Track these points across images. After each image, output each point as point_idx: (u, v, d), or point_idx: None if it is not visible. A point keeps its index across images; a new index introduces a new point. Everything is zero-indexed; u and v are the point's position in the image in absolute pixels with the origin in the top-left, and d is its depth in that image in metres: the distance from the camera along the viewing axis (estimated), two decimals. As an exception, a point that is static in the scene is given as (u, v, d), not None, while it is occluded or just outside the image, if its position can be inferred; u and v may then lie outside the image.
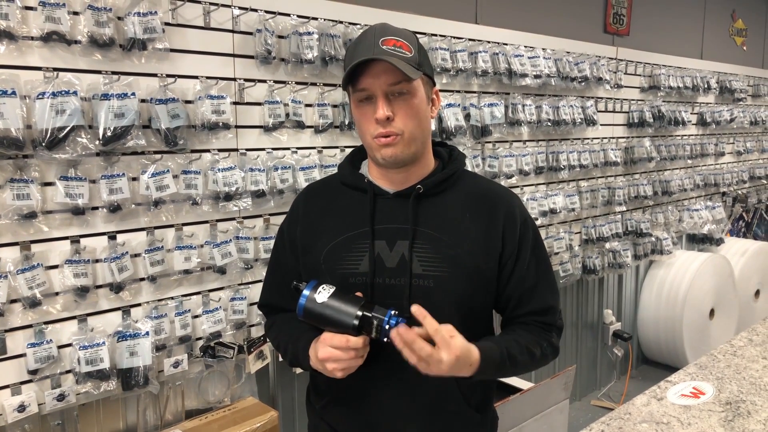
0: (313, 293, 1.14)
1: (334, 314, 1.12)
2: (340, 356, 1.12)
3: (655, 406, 1.46)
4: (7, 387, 1.66)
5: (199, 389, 2.07)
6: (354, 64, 1.13)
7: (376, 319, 1.10)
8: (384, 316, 1.10)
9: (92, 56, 1.73)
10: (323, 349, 1.13)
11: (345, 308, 1.12)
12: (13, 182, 1.60)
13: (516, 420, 2.42)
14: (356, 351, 1.11)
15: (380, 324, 1.10)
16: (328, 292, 1.14)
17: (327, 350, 1.13)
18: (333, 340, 1.12)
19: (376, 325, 1.10)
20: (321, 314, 1.13)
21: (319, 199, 1.34)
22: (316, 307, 1.13)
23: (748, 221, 5.29)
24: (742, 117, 4.80)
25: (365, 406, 1.26)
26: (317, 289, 1.14)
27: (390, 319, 1.10)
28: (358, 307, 1.12)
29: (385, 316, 1.10)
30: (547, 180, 3.27)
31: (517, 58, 2.92)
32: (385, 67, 1.13)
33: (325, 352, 1.13)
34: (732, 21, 4.92)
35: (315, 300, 1.13)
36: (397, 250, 1.21)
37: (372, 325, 1.11)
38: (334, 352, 1.12)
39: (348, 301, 1.13)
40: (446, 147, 1.35)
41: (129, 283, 1.84)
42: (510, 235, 1.25)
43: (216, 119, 1.94)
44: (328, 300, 1.13)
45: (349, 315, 1.11)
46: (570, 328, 3.73)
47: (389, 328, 1.10)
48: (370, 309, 1.12)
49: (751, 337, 1.92)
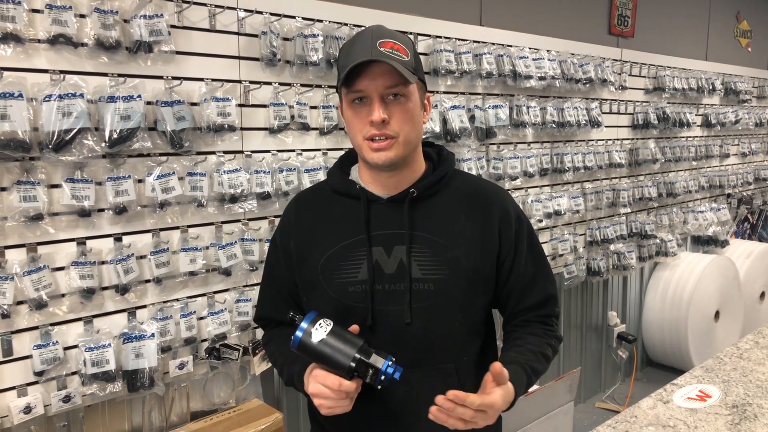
0: (310, 327, 1.09)
1: (330, 353, 1.08)
2: (330, 395, 1.09)
3: (662, 409, 1.46)
4: (14, 388, 1.67)
5: (204, 391, 2.08)
6: (352, 66, 1.12)
7: (372, 368, 1.08)
8: (381, 366, 1.07)
9: (98, 59, 1.74)
10: (314, 384, 1.11)
11: (342, 349, 1.08)
12: (19, 184, 1.61)
13: (521, 422, 2.41)
14: (347, 394, 1.09)
15: (376, 373, 1.08)
16: (325, 330, 1.09)
17: (318, 387, 1.10)
18: (326, 380, 1.09)
19: (371, 374, 1.08)
20: (316, 351, 1.08)
21: (311, 208, 1.32)
22: (312, 343, 1.08)
23: (753, 223, 5.27)
24: (747, 118, 4.79)
25: (368, 413, 1.24)
26: (315, 323, 1.09)
27: (387, 368, 1.07)
28: (356, 350, 1.08)
29: (382, 366, 1.07)
30: (552, 182, 3.27)
31: (522, 60, 2.92)
32: (383, 70, 1.13)
33: (315, 388, 1.11)
34: (737, 22, 4.90)
35: (311, 336, 1.08)
36: (395, 255, 1.21)
37: (368, 373, 1.08)
38: (324, 390, 1.09)
39: (346, 342, 1.09)
40: (434, 147, 1.35)
41: (135, 285, 1.84)
42: (506, 233, 1.26)
43: (221, 121, 1.94)
44: (327, 337, 1.08)
45: (346, 357, 1.07)
46: (574, 330, 3.72)
47: (384, 378, 1.07)
48: (368, 354, 1.08)
49: (757, 339, 1.91)
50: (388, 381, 1.08)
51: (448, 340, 1.23)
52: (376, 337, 1.19)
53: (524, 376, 1.18)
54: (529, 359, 1.21)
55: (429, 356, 1.22)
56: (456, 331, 1.23)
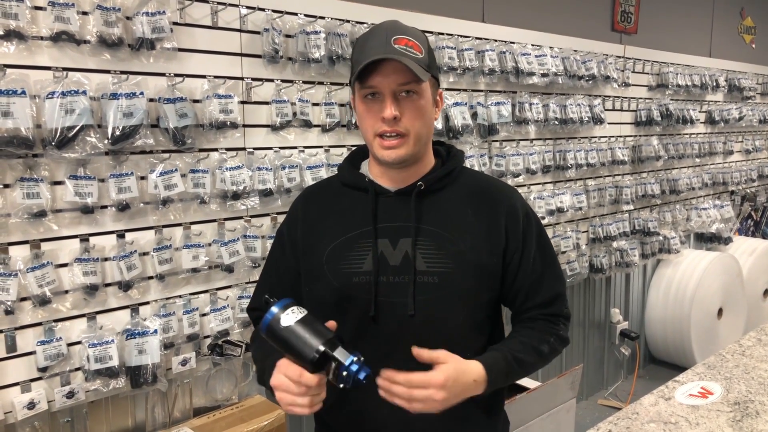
0: (280, 312, 1.03)
1: (295, 342, 1.01)
2: (290, 388, 1.04)
3: (663, 406, 1.46)
4: (17, 384, 1.67)
5: (207, 387, 2.09)
6: (366, 63, 1.12)
7: (335, 360, 1.00)
8: (345, 360, 1.00)
9: (101, 56, 1.74)
10: (276, 375, 1.07)
11: (308, 339, 1.00)
12: (23, 181, 1.62)
13: (523, 419, 2.42)
14: (307, 388, 1.02)
15: (338, 367, 1.00)
16: (296, 316, 1.02)
17: (279, 378, 1.06)
18: (288, 369, 1.04)
19: (334, 368, 1.00)
20: (282, 338, 1.02)
21: (319, 200, 1.33)
22: (279, 328, 1.02)
23: (756, 220, 5.26)
24: (751, 115, 4.77)
25: (370, 411, 1.23)
26: (287, 309, 1.03)
27: (351, 365, 1.00)
28: (322, 341, 1.00)
29: (346, 361, 1.00)
30: (555, 179, 3.27)
31: (524, 57, 2.91)
32: (396, 67, 1.13)
33: (277, 379, 1.06)
34: (741, 19, 4.88)
35: (280, 321, 1.02)
36: (401, 247, 1.21)
37: (330, 367, 1.00)
38: (285, 381, 1.04)
39: (314, 332, 1.02)
40: (444, 145, 1.35)
41: (137, 282, 1.85)
42: (513, 230, 1.25)
43: (224, 118, 1.94)
44: (294, 325, 1.01)
45: (310, 348, 1.00)
46: (577, 327, 3.72)
47: (347, 375, 0.99)
48: (333, 347, 1.01)
49: (759, 336, 1.91)
50: (352, 380, 1.00)
51: (452, 334, 1.22)
52: (379, 328, 1.19)
53: (501, 361, 1.16)
54: (513, 348, 1.20)
55: (432, 349, 1.22)
56: (460, 325, 1.23)
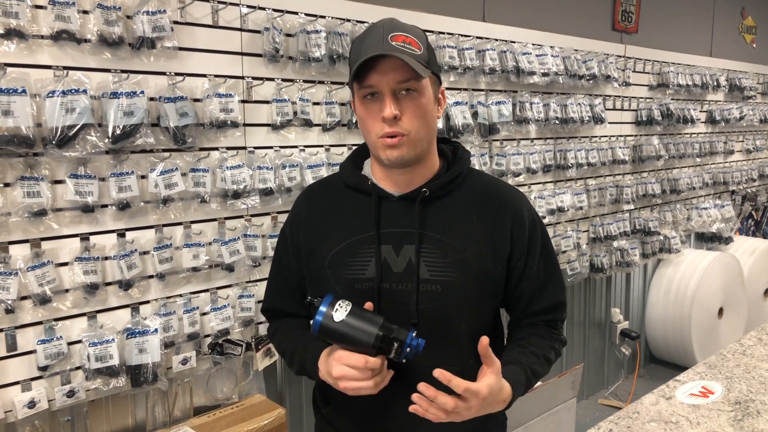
0: (330, 310, 1.08)
1: (352, 333, 1.08)
2: (356, 376, 1.07)
3: (664, 406, 1.46)
4: (18, 383, 1.67)
5: (207, 386, 2.08)
6: (362, 61, 1.09)
7: (397, 341, 1.08)
8: (405, 338, 1.08)
9: (102, 55, 1.74)
10: (338, 367, 1.09)
11: (364, 327, 1.07)
12: (23, 180, 1.61)
13: (523, 418, 2.42)
14: (373, 371, 1.07)
15: (401, 346, 1.08)
16: (345, 310, 1.08)
17: (342, 369, 1.08)
18: (350, 359, 1.08)
19: (396, 347, 1.08)
20: (339, 332, 1.08)
21: (321, 201, 1.31)
22: (333, 325, 1.08)
23: (757, 220, 5.26)
24: (752, 115, 4.77)
25: (372, 411, 1.24)
26: (334, 305, 1.09)
27: (411, 341, 1.08)
28: (377, 327, 1.08)
29: (407, 339, 1.08)
30: (555, 178, 3.26)
31: (525, 56, 2.91)
32: (394, 64, 1.10)
33: (340, 370, 1.09)
34: (741, 18, 4.88)
35: (332, 318, 1.07)
36: (404, 254, 1.19)
37: (392, 347, 1.08)
38: (350, 371, 1.08)
39: (367, 320, 1.09)
40: (450, 144, 1.32)
41: (138, 281, 1.85)
42: (519, 237, 1.24)
43: (224, 117, 1.94)
44: (347, 318, 1.08)
45: (369, 335, 1.07)
46: (577, 327, 3.72)
47: (410, 351, 1.08)
48: (390, 330, 1.08)
49: (760, 336, 1.91)
50: (413, 353, 1.09)
51: (454, 342, 1.21)
52: None
53: (524, 378, 1.17)
54: (531, 361, 1.20)
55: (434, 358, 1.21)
56: (462, 333, 1.21)
